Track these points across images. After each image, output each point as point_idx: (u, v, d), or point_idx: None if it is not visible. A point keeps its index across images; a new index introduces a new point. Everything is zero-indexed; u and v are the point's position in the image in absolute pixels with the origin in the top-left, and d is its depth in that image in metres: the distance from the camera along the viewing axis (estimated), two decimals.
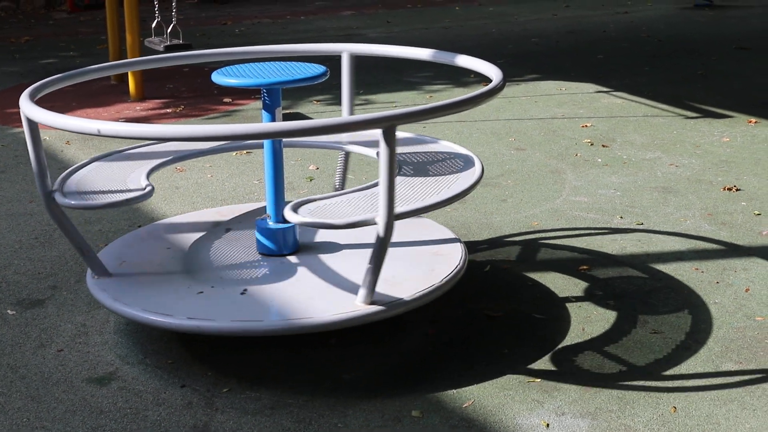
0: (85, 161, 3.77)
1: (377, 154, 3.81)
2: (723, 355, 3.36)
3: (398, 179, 3.49)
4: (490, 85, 3.34)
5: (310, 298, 3.33)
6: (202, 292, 3.40)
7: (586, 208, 4.89)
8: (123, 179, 3.55)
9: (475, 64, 3.73)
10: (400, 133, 4.05)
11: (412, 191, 3.38)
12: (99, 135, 2.95)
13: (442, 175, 3.56)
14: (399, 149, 3.86)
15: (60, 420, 3.01)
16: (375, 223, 3.10)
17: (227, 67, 3.69)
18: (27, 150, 3.34)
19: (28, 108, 3.22)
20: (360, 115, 2.96)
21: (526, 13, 12.33)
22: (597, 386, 3.15)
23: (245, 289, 3.43)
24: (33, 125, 3.26)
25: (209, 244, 3.86)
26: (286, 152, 5.67)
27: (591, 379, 3.20)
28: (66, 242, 4.48)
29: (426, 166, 3.67)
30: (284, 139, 3.88)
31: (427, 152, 3.84)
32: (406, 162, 3.70)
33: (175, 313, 3.23)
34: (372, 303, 3.25)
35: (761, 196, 5.00)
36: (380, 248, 3.14)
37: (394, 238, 3.84)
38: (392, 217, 3.08)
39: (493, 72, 3.55)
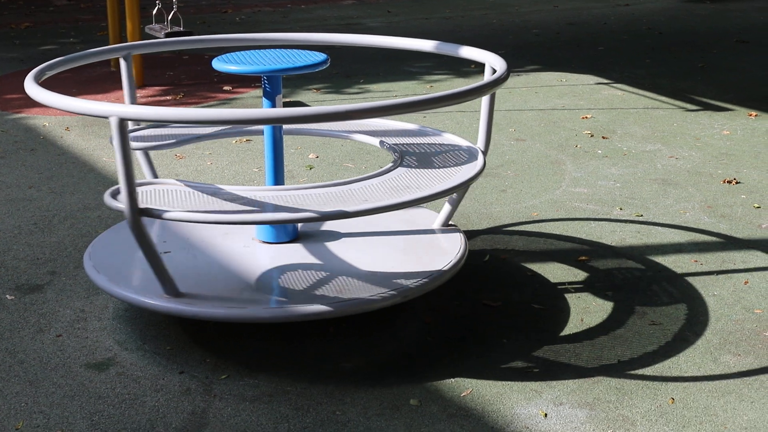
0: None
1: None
2: (721, 347, 3.36)
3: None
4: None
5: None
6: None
7: (586, 199, 4.88)
8: None
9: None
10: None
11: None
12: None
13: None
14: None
15: (58, 405, 3.01)
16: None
17: (227, 54, 3.68)
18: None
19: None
20: (89, 103, 2.92)
21: (527, 4, 12.31)
22: (595, 377, 3.15)
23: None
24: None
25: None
26: (287, 140, 5.68)
27: (589, 370, 3.20)
28: (65, 228, 4.48)
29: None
30: (285, 127, 3.87)
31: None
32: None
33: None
34: (178, 294, 3.23)
35: (761, 189, 5.00)
36: (140, 247, 3.13)
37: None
38: (137, 213, 3.03)
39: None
